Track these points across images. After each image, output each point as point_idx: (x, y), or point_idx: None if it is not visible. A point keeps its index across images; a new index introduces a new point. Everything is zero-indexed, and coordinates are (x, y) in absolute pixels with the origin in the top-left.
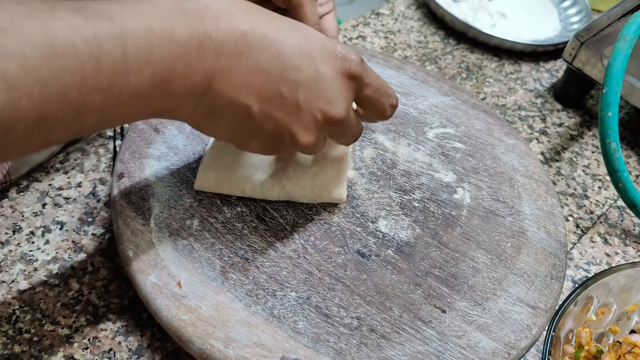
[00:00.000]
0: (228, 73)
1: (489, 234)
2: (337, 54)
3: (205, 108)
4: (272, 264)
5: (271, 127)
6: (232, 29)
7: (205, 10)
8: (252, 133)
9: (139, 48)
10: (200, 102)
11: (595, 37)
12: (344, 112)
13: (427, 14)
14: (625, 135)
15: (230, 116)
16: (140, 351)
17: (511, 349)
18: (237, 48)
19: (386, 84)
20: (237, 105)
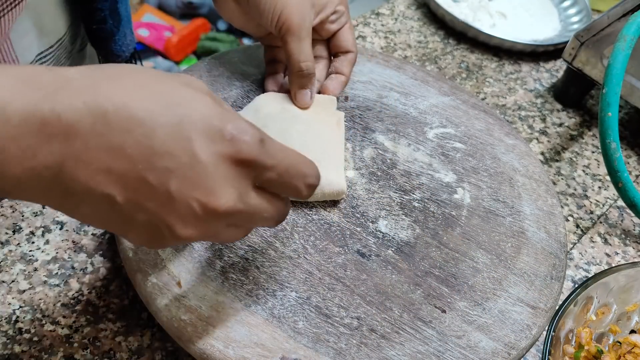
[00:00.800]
0: (83, 157)
1: (489, 234)
2: (225, 136)
3: (60, 192)
4: (272, 264)
5: (144, 218)
6: (89, 108)
7: (62, 84)
8: (124, 224)
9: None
10: (52, 186)
11: (595, 37)
12: (230, 202)
13: (427, 14)
14: (625, 135)
15: (92, 205)
16: (140, 351)
17: (511, 349)
18: (94, 130)
19: (300, 162)
20: (97, 194)
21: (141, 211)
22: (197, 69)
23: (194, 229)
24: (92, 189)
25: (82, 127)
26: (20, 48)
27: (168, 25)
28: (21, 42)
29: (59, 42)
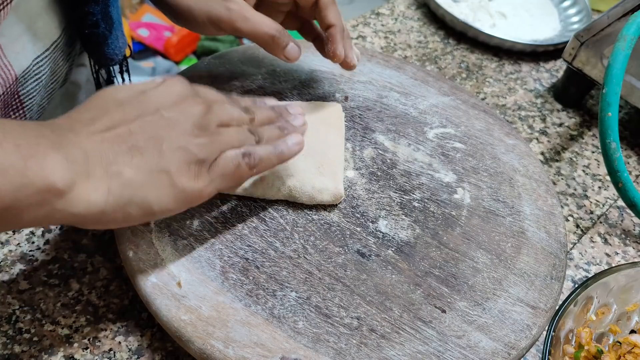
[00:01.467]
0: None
1: (489, 234)
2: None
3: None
4: (272, 264)
5: (166, 144)
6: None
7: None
8: (161, 159)
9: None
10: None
11: (595, 37)
12: (199, 106)
13: (427, 14)
14: (625, 135)
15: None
16: (140, 351)
17: (511, 349)
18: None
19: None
20: (124, 150)
21: (158, 139)
22: (197, 69)
23: (197, 127)
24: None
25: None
26: (12, 53)
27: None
28: (13, 46)
29: (54, 44)
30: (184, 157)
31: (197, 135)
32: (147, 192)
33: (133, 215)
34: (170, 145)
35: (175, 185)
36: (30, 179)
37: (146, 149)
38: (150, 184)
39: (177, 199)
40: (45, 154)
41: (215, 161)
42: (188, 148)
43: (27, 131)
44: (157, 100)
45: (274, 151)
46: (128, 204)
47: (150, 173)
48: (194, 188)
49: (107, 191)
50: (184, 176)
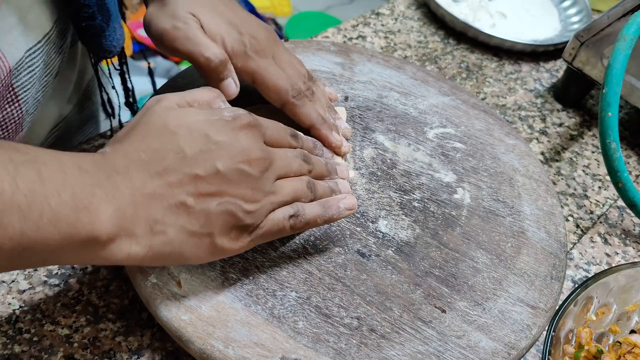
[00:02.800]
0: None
1: (489, 234)
2: (226, 118)
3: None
4: (272, 264)
5: (215, 205)
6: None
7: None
8: (207, 223)
9: (53, 173)
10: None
11: (595, 37)
12: (258, 151)
13: (427, 14)
14: (625, 135)
15: (174, 224)
16: (140, 351)
17: (511, 349)
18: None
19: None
20: (173, 207)
21: (209, 199)
22: None
23: (252, 188)
24: (169, 205)
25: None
26: (5, 44)
27: None
28: (6, 38)
29: (46, 37)
30: (230, 221)
31: (249, 200)
32: (186, 250)
33: (168, 263)
34: (219, 207)
35: (215, 245)
36: (79, 231)
37: (194, 208)
38: (191, 244)
39: (213, 255)
40: (98, 206)
41: (261, 224)
42: (236, 214)
43: (85, 177)
44: (221, 155)
45: (324, 214)
46: (166, 258)
47: (192, 234)
48: (233, 248)
49: (147, 247)
50: (225, 238)
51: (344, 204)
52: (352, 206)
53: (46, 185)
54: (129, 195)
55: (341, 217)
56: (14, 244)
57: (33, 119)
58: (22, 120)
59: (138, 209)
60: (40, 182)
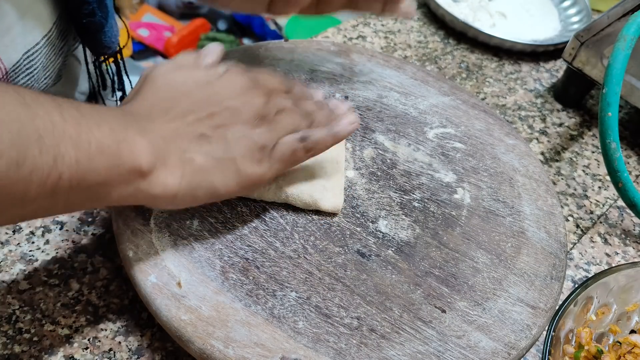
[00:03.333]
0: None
1: (489, 234)
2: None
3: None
4: (272, 264)
5: (231, 133)
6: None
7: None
8: (228, 148)
9: (89, 110)
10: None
11: (595, 37)
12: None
13: (427, 14)
14: (625, 135)
15: (201, 151)
16: (140, 351)
17: (511, 349)
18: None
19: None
20: (195, 139)
21: (224, 128)
22: None
23: (258, 116)
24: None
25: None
26: (2, 46)
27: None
28: (3, 39)
29: (45, 38)
30: (247, 144)
31: (258, 125)
32: (215, 177)
33: (200, 197)
34: (234, 134)
35: (239, 170)
36: (122, 160)
37: (213, 137)
38: (218, 170)
39: (241, 182)
40: (134, 139)
41: (275, 147)
42: (250, 136)
43: (117, 117)
44: (222, 91)
45: (329, 132)
46: (198, 187)
47: (217, 160)
48: (256, 172)
49: (180, 176)
50: (247, 162)
51: (345, 119)
52: (353, 120)
53: (87, 119)
54: (157, 131)
55: (347, 131)
56: (71, 172)
57: None
58: None
59: (167, 142)
60: (81, 116)
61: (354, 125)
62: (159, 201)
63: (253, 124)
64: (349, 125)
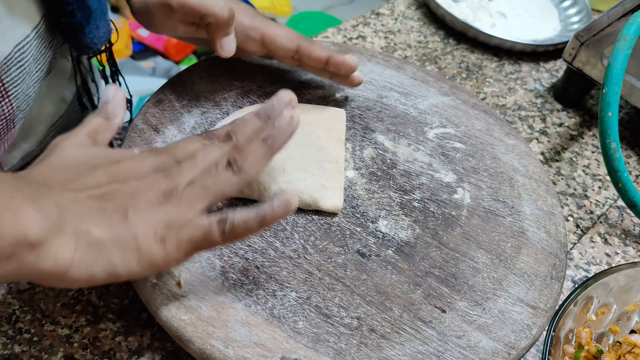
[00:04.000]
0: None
1: (489, 234)
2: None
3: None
4: (272, 264)
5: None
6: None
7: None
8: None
9: None
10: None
11: (595, 37)
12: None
13: (427, 14)
14: (625, 135)
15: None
16: (140, 351)
17: (511, 349)
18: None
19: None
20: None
21: (128, 202)
22: (197, 69)
23: (161, 192)
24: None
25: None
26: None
27: None
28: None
29: (34, 30)
30: (150, 222)
31: (163, 202)
32: (113, 254)
33: (97, 277)
34: (137, 211)
35: (140, 249)
36: (3, 232)
37: (115, 213)
38: (117, 247)
39: (142, 263)
40: (19, 207)
41: (184, 226)
42: (154, 214)
43: (2, 184)
44: (130, 170)
45: (256, 215)
46: (93, 264)
47: (117, 236)
48: (159, 253)
49: (74, 249)
50: (150, 241)
51: (279, 200)
52: (284, 203)
53: None
54: (52, 198)
55: (275, 217)
56: None
57: (27, 115)
58: (13, 117)
59: (62, 211)
60: None
61: (288, 208)
62: (50, 278)
63: (159, 201)
64: (280, 208)
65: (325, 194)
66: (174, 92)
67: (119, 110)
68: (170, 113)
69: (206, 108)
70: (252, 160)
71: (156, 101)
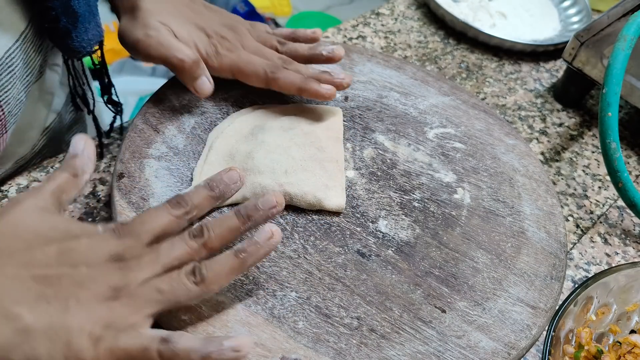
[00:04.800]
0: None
1: (489, 234)
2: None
3: None
4: (272, 264)
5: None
6: None
7: None
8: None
9: None
10: None
11: (595, 37)
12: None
13: (427, 14)
14: (625, 135)
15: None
16: None
17: (511, 349)
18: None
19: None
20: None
21: (70, 293)
22: None
23: (117, 292)
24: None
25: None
26: None
27: None
28: None
29: (22, 35)
30: (90, 317)
31: (111, 298)
32: (40, 344)
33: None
34: (79, 302)
35: (70, 344)
36: None
37: (55, 299)
38: (46, 337)
39: (68, 359)
40: None
41: (123, 331)
42: (95, 310)
43: None
44: (86, 253)
45: (200, 350)
46: (14, 350)
47: (49, 325)
48: (89, 353)
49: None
50: (83, 338)
51: (230, 343)
52: (238, 347)
53: None
54: None
55: (221, 358)
56: None
57: (20, 121)
58: (5, 122)
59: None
60: None
61: (239, 354)
62: None
63: (106, 296)
64: (230, 352)
65: (328, 194)
66: (174, 92)
67: (87, 166)
68: (170, 113)
69: (206, 108)
70: (218, 272)
71: (156, 101)
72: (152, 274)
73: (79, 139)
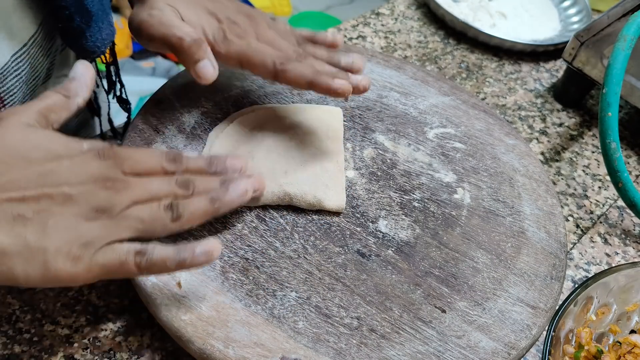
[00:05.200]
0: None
1: (489, 234)
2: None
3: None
4: (272, 264)
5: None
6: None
7: None
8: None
9: None
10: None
11: (595, 37)
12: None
13: (427, 14)
14: (625, 135)
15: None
16: (140, 351)
17: (511, 349)
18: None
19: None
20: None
21: (49, 214)
22: None
23: (95, 209)
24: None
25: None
26: None
27: None
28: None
29: (32, 39)
30: (68, 237)
31: (93, 218)
32: (16, 264)
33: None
34: (58, 223)
35: (47, 263)
36: None
37: (32, 221)
38: (22, 257)
39: (46, 277)
40: None
41: (101, 250)
42: (75, 229)
43: None
44: (66, 173)
45: (175, 256)
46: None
47: (26, 246)
48: (67, 271)
49: None
50: (60, 257)
51: (202, 248)
52: (209, 252)
53: None
54: None
55: (195, 263)
56: None
57: None
58: None
59: None
60: None
61: (208, 259)
62: None
63: (87, 216)
64: (200, 256)
65: (329, 194)
66: (174, 92)
67: (82, 90)
68: (170, 113)
69: (206, 108)
70: (192, 211)
71: (156, 101)
72: (138, 197)
73: (80, 64)
